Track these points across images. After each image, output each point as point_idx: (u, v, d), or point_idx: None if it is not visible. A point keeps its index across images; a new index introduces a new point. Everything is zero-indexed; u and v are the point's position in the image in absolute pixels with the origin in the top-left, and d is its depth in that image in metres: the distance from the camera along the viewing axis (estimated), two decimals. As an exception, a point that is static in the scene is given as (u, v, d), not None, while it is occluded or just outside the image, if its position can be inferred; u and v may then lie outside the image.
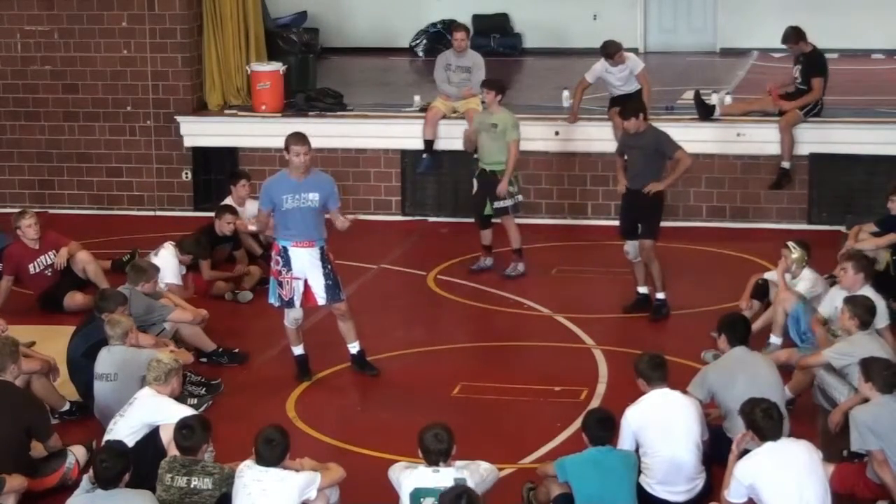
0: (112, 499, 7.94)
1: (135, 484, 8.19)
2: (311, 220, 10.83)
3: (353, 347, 11.36)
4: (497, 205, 13.72)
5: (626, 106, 12.97)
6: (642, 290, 12.77)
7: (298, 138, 10.78)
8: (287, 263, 10.89)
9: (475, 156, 14.18)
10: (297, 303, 10.99)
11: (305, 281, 10.92)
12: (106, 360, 10.04)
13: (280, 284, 10.95)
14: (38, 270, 13.13)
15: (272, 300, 11.11)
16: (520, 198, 13.87)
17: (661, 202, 12.65)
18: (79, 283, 13.31)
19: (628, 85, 15.66)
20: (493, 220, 13.94)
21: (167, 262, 12.65)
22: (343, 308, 11.16)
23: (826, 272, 11.88)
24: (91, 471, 8.16)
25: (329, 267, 10.97)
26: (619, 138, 15.54)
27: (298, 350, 11.35)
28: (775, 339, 11.14)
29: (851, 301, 9.94)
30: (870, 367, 8.71)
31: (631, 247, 12.65)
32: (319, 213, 10.89)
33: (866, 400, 8.69)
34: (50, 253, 13.21)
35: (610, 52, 15.58)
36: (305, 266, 10.90)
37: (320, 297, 10.99)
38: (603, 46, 15.70)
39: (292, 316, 11.12)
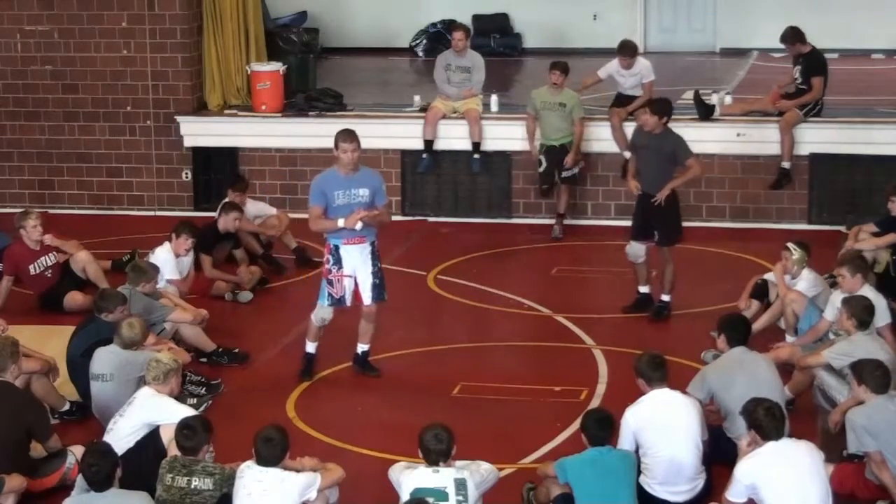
0: (107, 499, 7.94)
1: (135, 484, 8.21)
2: None
3: (362, 347, 11.31)
4: (565, 174, 15.32)
5: (655, 104, 12.73)
6: (643, 289, 12.75)
7: (347, 135, 10.71)
8: (338, 262, 10.80)
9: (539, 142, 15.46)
10: (349, 300, 10.88)
11: (355, 279, 10.88)
12: (101, 361, 10.03)
13: (331, 283, 10.84)
14: (38, 271, 13.13)
15: (323, 301, 10.96)
16: (582, 164, 15.58)
17: (676, 207, 12.48)
18: (79, 283, 13.32)
19: (637, 90, 15.77)
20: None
21: (164, 258, 12.60)
22: (374, 309, 11.07)
23: (826, 272, 11.89)
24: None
25: (378, 265, 10.94)
26: (617, 138, 15.68)
27: (311, 348, 11.26)
28: (792, 339, 11.14)
29: (849, 301, 9.93)
30: (861, 369, 8.71)
31: (635, 248, 12.55)
32: (368, 208, 10.77)
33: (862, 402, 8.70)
34: (51, 254, 13.22)
35: (622, 49, 15.77)
36: (357, 263, 10.83)
37: (366, 295, 10.92)
38: (620, 44, 15.91)
39: (321, 315, 10.99)
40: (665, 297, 12.59)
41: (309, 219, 10.90)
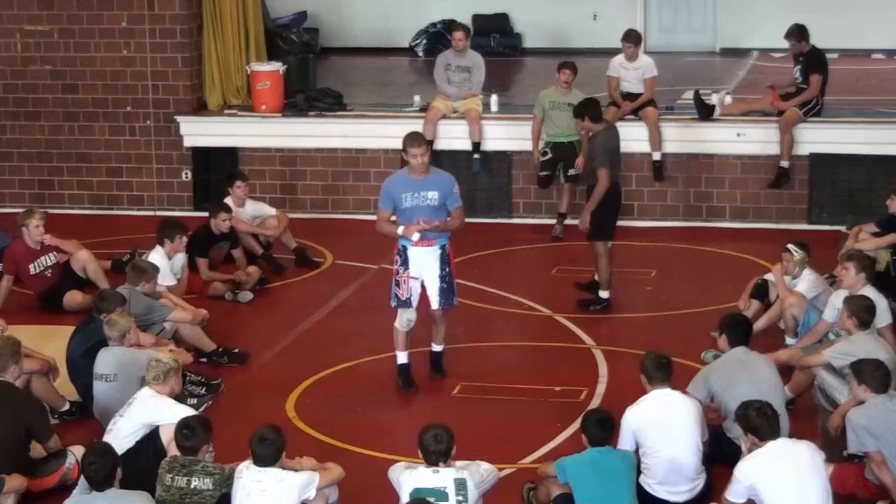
0: (108, 499, 7.94)
1: (134, 484, 8.21)
2: (430, 218, 10.55)
3: (435, 348, 11.29)
4: (570, 172, 15.39)
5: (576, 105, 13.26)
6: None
7: (415, 139, 10.57)
8: (405, 263, 10.71)
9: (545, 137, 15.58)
10: (415, 303, 10.77)
11: (423, 282, 10.77)
12: (106, 361, 10.04)
13: (397, 284, 10.77)
14: (38, 271, 13.13)
15: (392, 301, 10.89)
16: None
17: (589, 202, 12.61)
18: (79, 283, 13.31)
19: (640, 87, 15.78)
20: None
21: (158, 264, 12.54)
22: (440, 314, 10.96)
23: (826, 272, 11.89)
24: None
25: (447, 269, 10.78)
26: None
27: (403, 358, 11.04)
28: (791, 341, 11.15)
29: (850, 301, 9.94)
30: (861, 369, 8.71)
31: None
32: (439, 211, 10.62)
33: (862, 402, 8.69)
34: (51, 254, 13.21)
35: (627, 36, 15.88)
36: (425, 266, 10.72)
37: (434, 300, 10.81)
38: (625, 32, 16.03)
39: (405, 317, 10.87)
40: (602, 294, 12.81)
41: (376, 222, 10.84)
